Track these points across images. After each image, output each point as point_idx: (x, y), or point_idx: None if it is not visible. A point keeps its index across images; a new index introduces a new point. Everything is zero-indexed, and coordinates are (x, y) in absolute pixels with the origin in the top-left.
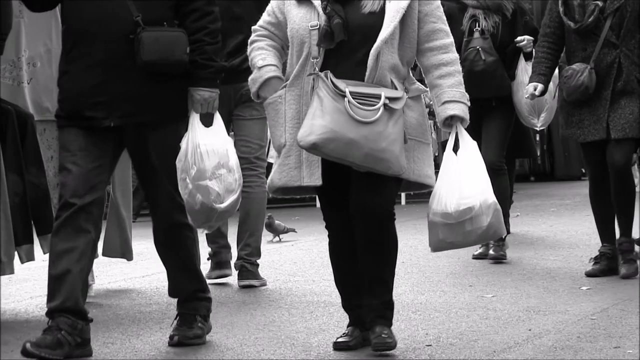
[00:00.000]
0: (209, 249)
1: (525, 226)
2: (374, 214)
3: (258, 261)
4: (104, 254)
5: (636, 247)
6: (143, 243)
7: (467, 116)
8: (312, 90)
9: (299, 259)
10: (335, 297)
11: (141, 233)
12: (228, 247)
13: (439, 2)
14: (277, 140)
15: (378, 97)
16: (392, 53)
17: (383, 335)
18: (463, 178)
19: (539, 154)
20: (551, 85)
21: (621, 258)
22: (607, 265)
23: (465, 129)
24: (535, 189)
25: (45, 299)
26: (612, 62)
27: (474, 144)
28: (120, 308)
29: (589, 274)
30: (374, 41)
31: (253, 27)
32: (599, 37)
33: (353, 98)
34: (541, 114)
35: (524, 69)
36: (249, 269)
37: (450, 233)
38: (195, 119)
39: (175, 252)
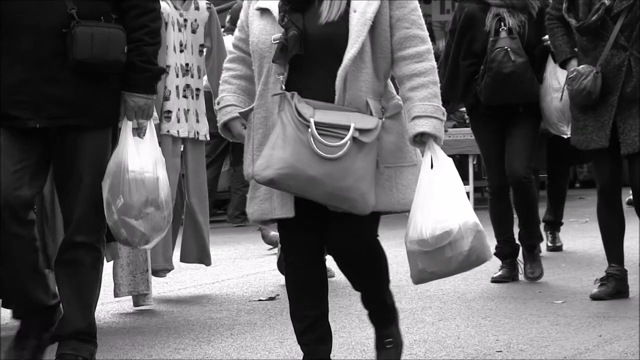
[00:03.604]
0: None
1: (594, 232)
2: (352, 253)
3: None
4: (181, 260)
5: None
6: (212, 249)
7: (439, 133)
8: (279, 111)
9: None
10: (406, 302)
11: (212, 240)
12: None
13: (415, 4)
14: (245, 168)
15: (347, 128)
16: (362, 69)
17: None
18: (438, 200)
19: None
20: (559, 86)
21: None
22: (614, 287)
23: (485, 138)
24: None
25: (116, 305)
26: (621, 64)
27: (450, 161)
28: (191, 314)
29: (595, 297)
30: (338, 52)
31: (228, 49)
32: (605, 38)
33: (318, 129)
34: (570, 121)
35: (553, 71)
36: None
37: (429, 261)
38: (127, 130)
39: (75, 276)
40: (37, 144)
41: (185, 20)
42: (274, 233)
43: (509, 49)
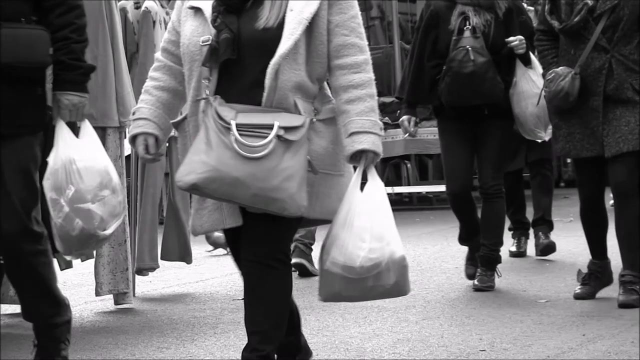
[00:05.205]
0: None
1: (579, 231)
2: (259, 265)
3: (312, 246)
4: (162, 258)
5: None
6: (196, 248)
7: (378, 149)
8: (203, 116)
9: None
10: (389, 301)
11: (194, 238)
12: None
13: (356, 11)
14: None
15: (270, 127)
16: (295, 70)
17: None
18: (372, 227)
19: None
20: (539, 91)
21: (621, 288)
22: (597, 286)
23: (449, 141)
24: None
25: (99, 304)
26: (601, 67)
27: (382, 184)
28: (175, 313)
29: (578, 297)
30: (272, 58)
31: (156, 55)
32: (586, 39)
33: (240, 130)
34: (548, 125)
35: (524, 75)
36: (302, 249)
37: (348, 287)
38: (63, 129)
39: (30, 281)
40: None
41: None
42: (217, 234)
43: (469, 49)
